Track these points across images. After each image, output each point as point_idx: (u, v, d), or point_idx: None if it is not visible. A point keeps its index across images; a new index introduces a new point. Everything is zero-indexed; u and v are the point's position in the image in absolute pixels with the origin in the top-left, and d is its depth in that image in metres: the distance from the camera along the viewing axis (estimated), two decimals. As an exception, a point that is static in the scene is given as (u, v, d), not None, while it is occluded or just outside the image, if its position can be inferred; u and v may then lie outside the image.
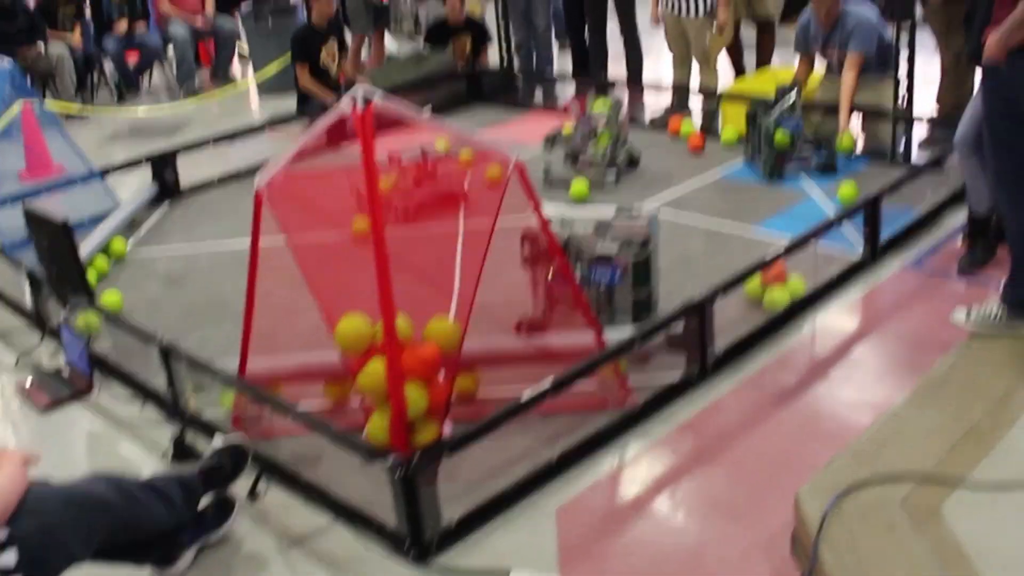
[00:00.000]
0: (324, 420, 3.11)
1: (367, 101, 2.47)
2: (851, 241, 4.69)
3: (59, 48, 9.07)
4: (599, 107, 5.86)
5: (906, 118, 5.90)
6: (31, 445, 3.83)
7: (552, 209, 4.14)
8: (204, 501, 3.07)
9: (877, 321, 4.11)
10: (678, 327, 3.69)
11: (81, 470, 3.54)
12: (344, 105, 2.50)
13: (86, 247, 5.28)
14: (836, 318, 4.18)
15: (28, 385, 4.22)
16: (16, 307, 4.94)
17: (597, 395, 3.56)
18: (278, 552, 3.06)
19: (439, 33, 8.52)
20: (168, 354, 3.73)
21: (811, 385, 3.67)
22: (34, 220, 4.03)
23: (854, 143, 5.88)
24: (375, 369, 2.78)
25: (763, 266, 4.05)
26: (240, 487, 3.29)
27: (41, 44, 8.99)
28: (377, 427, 2.85)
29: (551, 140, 5.88)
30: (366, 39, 8.93)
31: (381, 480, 2.92)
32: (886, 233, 4.72)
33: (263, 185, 2.92)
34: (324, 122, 2.72)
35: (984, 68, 3.49)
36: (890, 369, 3.76)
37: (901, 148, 5.95)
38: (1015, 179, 3.52)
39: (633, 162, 6.12)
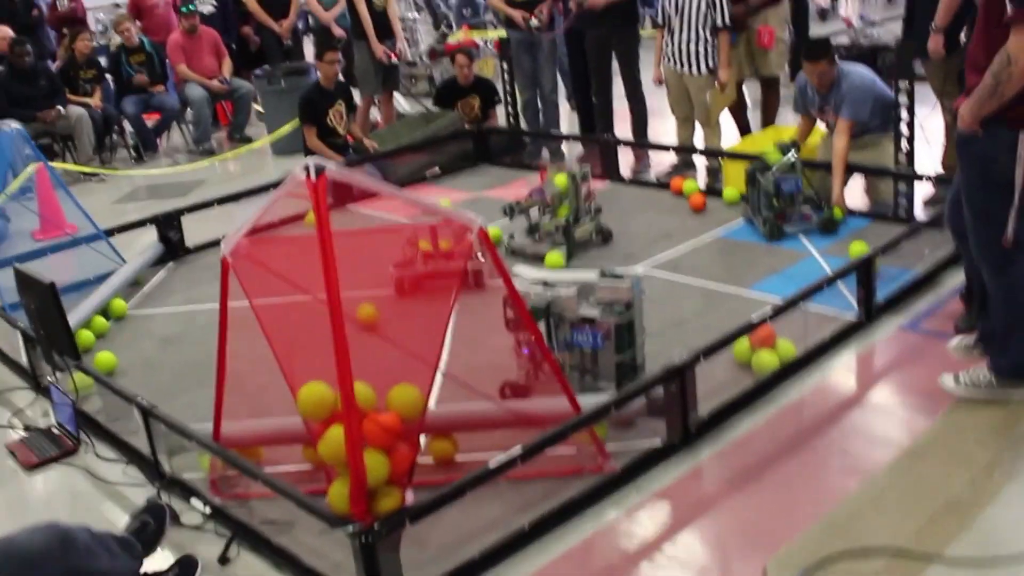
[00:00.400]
0: (286, 485, 3.09)
1: (320, 171, 2.48)
2: (850, 301, 4.63)
3: (78, 110, 9.23)
4: (559, 180, 5.75)
5: (907, 176, 5.85)
6: (14, 504, 3.85)
7: (535, 272, 4.15)
8: (159, 564, 3.08)
9: (868, 385, 4.05)
10: (659, 391, 3.64)
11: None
12: (298, 174, 2.51)
13: (86, 307, 5.34)
14: (826, 382, 4.11)
15: (16, 443, 4.24)
16: (14, 365, 4.99)
17: (574, 461, 3.51)
18: (243, 619, 3.04)
19: (448, 94, 8.61)
20: (147, 416, 3.74)
21: (794, 452, 3.60)
22: (23, 281, 4.07)
23: (844, 215, 5.80)
24: (335, 436, 2.76)
25: (749, 329, 4.01)
26: (208, 550, 3.31)
27: (61, 107, 9.15)
28: (338, 494, 2.82)
29: (510, 210, 5.68)
30: (374, 100, 9.01)
31: (347, 546, 2.90)
32: (884, 293, 4.68)
33: (227, 252, 2.93)
34: (281, 190, 2.74)
35: (959, 138, 3.45)
36: (877, 435, 3.66)
37: (904, 206, 5.90)
38: (995, 250, 3.46)
39: (605, 236, 5.95)
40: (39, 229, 7.16)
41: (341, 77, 8.12)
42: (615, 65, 7.66)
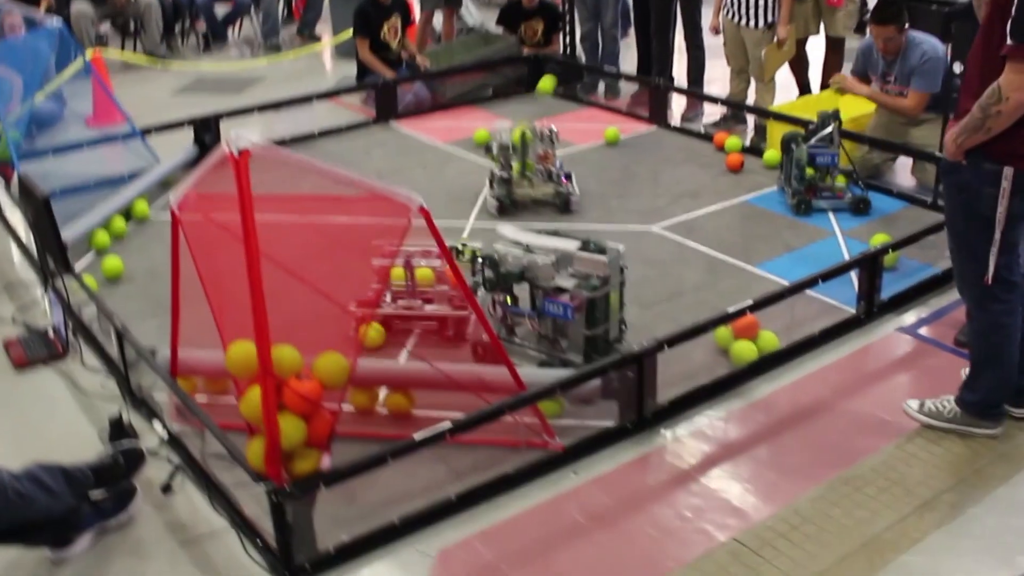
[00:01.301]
0: (218, 430, 3.16)
1: (243, 148, 2.47)
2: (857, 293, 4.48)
3: (149, -6, 9.32)
4: (514, 134, 5.56)
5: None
6: (-7, 401, 4.02)
7: (517, 234, 4.10)
8: (99, 493, 3.19)
9: (844, 390, 3.92)
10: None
11: (29, 433, 3.78)
12: (222, 148, 2.50)
13: (108, 207, 5.46)
14: (802, 381, 3.99)
15: (12, 340, 4.39)
16: (32, 258, 5.14)
17: (519, 434, 3.52)
18: (167, 549, 3.16)
19: (512, 15, 8.44)
20: (120, 337, 3.85)
21: (740, 455, 3.53)
22: (24, 188, 4.17)
23: (847, 181, 5.59)
24: (253, 397, 2.81)
25: (724, 320, 3.93)
26: (158, 475, 3.44)
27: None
28: (255, 452, 2.88)
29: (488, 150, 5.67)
30: (433, 15, 8.87)
31: (266, 500, 2.98)
32: (897, 287, 4.53)
33: (175, 204, 2.96)
34: (208, 162, 2.74)
35: (942, 165, 3.29)
36: (834, 449, 3.54)
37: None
38: (975, 284, 3.30)
39: (562, 204, 5.61)
40: (92, 116, 7.30)
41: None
42: (678, 7, 7.41)
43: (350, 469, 3.03)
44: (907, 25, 5.72)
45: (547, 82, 5.33)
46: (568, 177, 5.69)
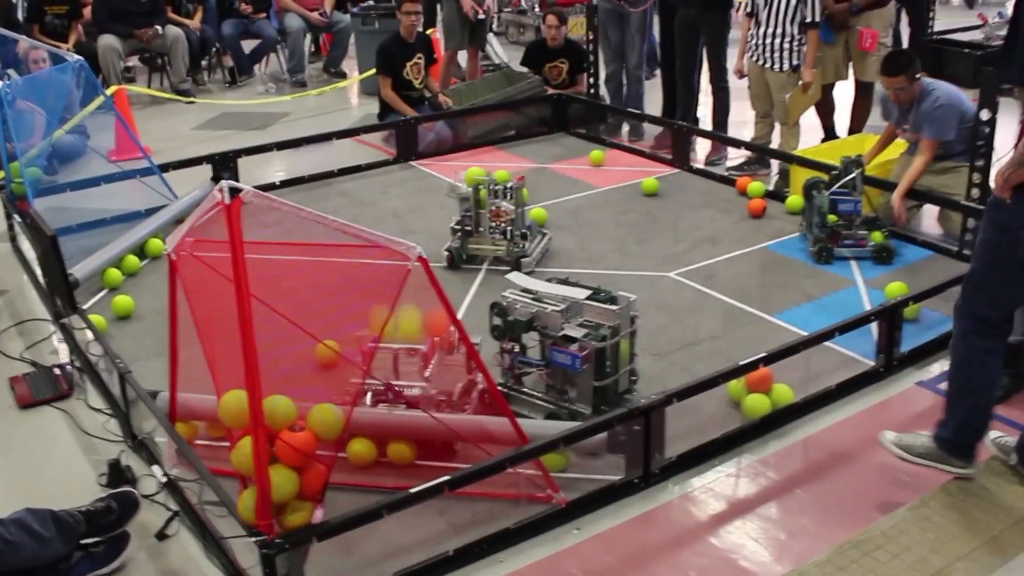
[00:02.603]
0: (212, 477, 3.10)
1: (235, 193, 2.42)
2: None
3: (175, 31, 9.38)
4: (469, 179, 5.36)
5: (977, 211, 5.48)
6: (-3, 441, 3.99)
7: (526, 281, 4.04)
8: (91, 540, 3.15)
9: (859, 446, 3.79)
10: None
11: (28, 473, 3.74)
12: (214, 194, 2.46)
13: (121, 244, 5.46)
14: (816, 436, 3.88)
15: (18, 377, 4.37)
16: (45, 295, 5.14)
17: (522, 487, 3.43)
18: (159, 602, 3.09)
19: (537, 55, 8.43)
20: (123, 379, 3.81)
21: (749, 513, 3.42)
22: (33, 224, 4.16)
23: (885, 240, 5.45)
24: (245, 448, 2.75)
25: (737, 374, 3.83)
26: (155, 520, 3.39)
27: (159, 26, 9.30)
28: (246, 504, 2.82)
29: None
30: (456, 54, 8.88)
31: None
32: (918, 340, 4.41)
33: (172, 249, 2.93)
34: (203, 207, 2.70)
35: (988, 199, 3.25)
36: (842, 512, 3.41)
37: (971, 242, 5.53)
38: (970, 317, 3.29)
39: (513, 264, 5.29)
40: (114, 150, 7.34)
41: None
42: (704, 49, 7.37)
43: (344, 523, 2.96)
44: (919, 75, 5.62)
45: (598, 155, 5.50)
46: (526, 236, 5.42)
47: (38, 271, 5.18)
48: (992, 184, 3.19)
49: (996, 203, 3.18)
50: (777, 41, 6.50)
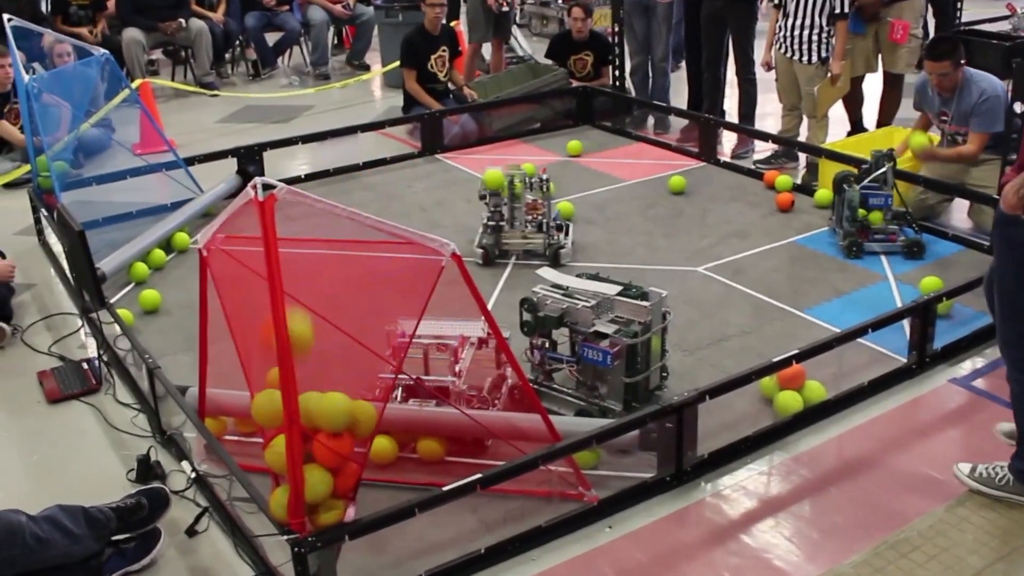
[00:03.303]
0: (242, 474, 3.09)
1: (269, 189, 2.40)
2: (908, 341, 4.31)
3: (199, 24, 9.37)
4: (490, 179, 5.24)
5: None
6: (25, 435, 3.98)
7: (557, 277, 4.01)
8: (122, 536, 3.15)
9: (893, 445, 3.75)
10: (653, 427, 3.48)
11: (57, 468, 3.74)
12: (248, 191, 2.44)
13: (148, 238, 5.45)
14: (849, 434, 3.84)
15: (47, 372, 4.37)
16: (73, 289, 5.14)
17: (550, 488, 3.40)
18: (190, 598, 3.09)
19: (562, 48, 8.38)
20: (152, 375, 3.80)
21: (782, 512, 3.39)
22: (61, 219, 4.15)
23: (907, 215, 5.43)
24: (279, 447, 2.73)
25: (769, 371, 3.78)
26: (184, 516, 3.38)
27: (183, 20, 9.29)
28: (278, 502, 2.80)
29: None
30: (481, 47, 8.83)
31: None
32: (950, 337, 4.36)
33: (203, 245, 2.91)
34: (237, 202, 2.67)
35: (998, 218, 3.10)
36: (877, 511, 3.37)
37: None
38: (1019, 344, 3.13)
39: (554, 257, 5.28)
40: (138, 144, 7.34)
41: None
42: (730, 40, 7.30)
43: (377, 521, 2.94)
44: (963, 61, 5.56)
45: (575, 145, 5.85)
46: (561, 228, 5.47)
47: (65, 265, 5.18)
48: (1002, 200, 2.98)
49: (1008, 220, 3.00)
50: (806, 33, 6.43)
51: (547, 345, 3.93)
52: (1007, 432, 3.57)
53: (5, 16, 5.71)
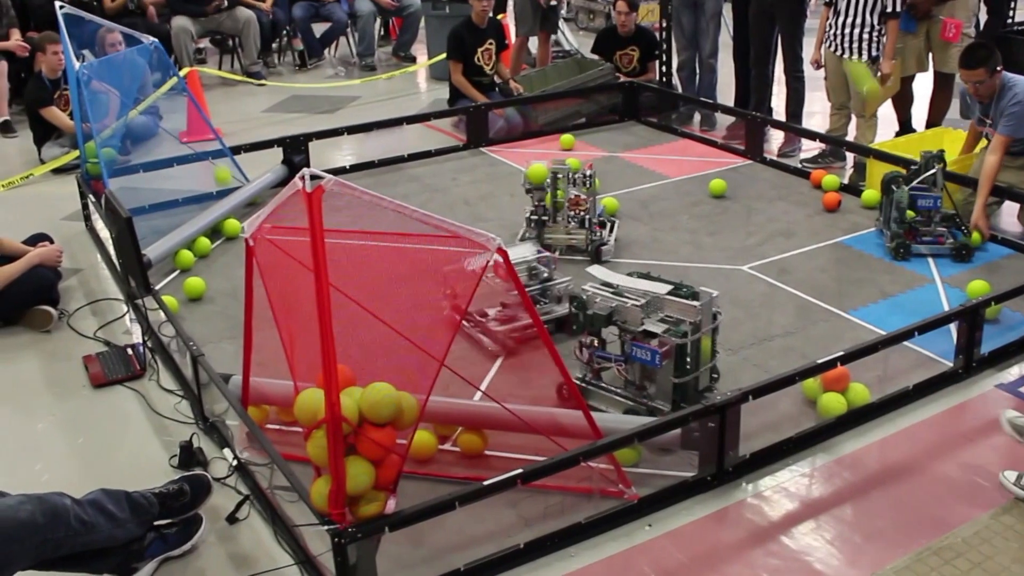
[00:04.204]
0: (284, 463, 3.11)
1: (316, 180, 2.41)
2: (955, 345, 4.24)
3: (247, 13, 9.43)
4: (533, 174, 5.27)
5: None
6: (70, 418, 4.03)
7: (607, 275, 3.98)
8: (164, 521, 3.18)
9: (937, 450, 3.70)
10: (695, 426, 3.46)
11: (101, 452, 3.80)
12: (296, 182, 2.45)
13: (194, 226, 5.49)
14: (892, 438, 3.79)
15: (92, 357, 4.43)
16: (119, 274, 5.20)
17: (590, 484, 3.39)
18: (229, 584, 3.11)
19: (608, 43, 8.33)
20: (195, 361, 3.83)
21: (824, 515, 3.36)
22: (108, 205, 4.20)
23: (984, 240, 5.33)
24: (321, 440, 2.73)
25: (815, 371, 3.74)
26: (226, 503, 3.42)
27: (230, 7, 9.35)
28: (319, 492, 2.81)
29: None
30: (527, 40, 8.81)
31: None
32: (997, 342, 4.29)
33: (249, 235, 2.92)
34: (286, 192, 2.68)
35: None
36: (920, 517, 3.32)
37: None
38: None
39: (595, 254, 5.25)
40: (185, 132, 7.41)
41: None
42: (779, 37, 7.23)
43: (417, 514, 2.94)
44: (999, 68, 5.43)
45: (568, 139, 6.16)
46: (604, 224, 5.46)
47: (112, 251, 5.24)
48: None
49: None
50: (856, 31, 6.33)
51: (596, 343, 3.91)
52: (1012, 420, 3.50)
53: (57, 3, 5.78)
